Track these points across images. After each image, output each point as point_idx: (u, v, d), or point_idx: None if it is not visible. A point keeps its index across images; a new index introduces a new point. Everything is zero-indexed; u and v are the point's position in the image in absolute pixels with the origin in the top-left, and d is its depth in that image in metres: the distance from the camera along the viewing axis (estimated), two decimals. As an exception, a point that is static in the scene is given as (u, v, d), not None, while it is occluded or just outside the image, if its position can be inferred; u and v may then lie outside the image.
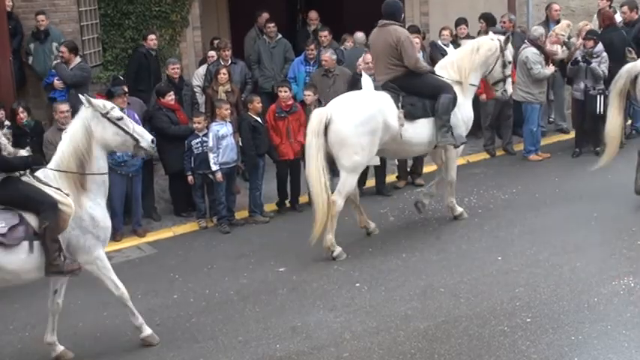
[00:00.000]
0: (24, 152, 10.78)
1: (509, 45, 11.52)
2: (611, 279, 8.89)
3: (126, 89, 11.99)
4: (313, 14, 16.31)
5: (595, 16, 15.13)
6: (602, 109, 13.33)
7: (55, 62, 13.15)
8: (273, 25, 15.07)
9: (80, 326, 9.07)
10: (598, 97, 13.29)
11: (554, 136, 14.81)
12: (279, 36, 15.06)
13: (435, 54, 14.36)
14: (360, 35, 14.73)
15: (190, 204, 12.50)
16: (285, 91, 12.26)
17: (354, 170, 10.42)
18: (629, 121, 14.47)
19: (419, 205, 11.36)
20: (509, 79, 11.63)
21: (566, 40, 14.27)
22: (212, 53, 14.27)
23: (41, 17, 14.16)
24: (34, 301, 9.90)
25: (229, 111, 11.97)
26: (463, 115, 11.02)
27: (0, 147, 8.08)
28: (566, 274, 9.15)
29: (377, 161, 12.43)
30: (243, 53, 15.63)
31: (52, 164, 8.24)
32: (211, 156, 11.70)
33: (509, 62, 11.49)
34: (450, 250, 10.21)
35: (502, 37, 11.46)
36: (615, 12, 14.78)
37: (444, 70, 11.11)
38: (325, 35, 14.30)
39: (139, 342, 8.52)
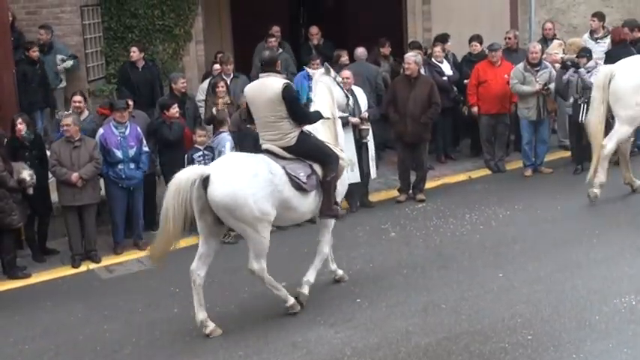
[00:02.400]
0: (24, 165, 10.82)
1: None
2: (612, 297, 8.87)
3: (130, 102, 12.03)
4: (314, 29, 16.35)
5: (586, 35, 15.18)
6: (583, 118, 13.31)
7: (65, 114, 12.34)
8: (274, 39, 15.10)
9: (80, 339, 9.05)
10: (582, 105, 13.28)
11: (556, 152, 14.80)
12: (280, 50, 15.09)
13: (431, 71, 14.39)
14: (360, 50, 14.74)
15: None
16: None
17: (628, 122, 11.93)
18: (632, 139, 14.45)
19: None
20: None
21: (563, 56, 14.28)
22: (218, 67, 14.30)
23: (41, 31, 14.24)
24: (34, 314, 9.91)
25: (204, 138, 12.11)
26: None
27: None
28: (568, 292, 9.12)
29: (357, 178, 12.44)
30: (246, 67, 15.68)
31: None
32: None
33: None
34: (452, 267, 10.19)
35: None
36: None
37: None
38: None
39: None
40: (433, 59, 14.64)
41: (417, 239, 11.22)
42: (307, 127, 9.24)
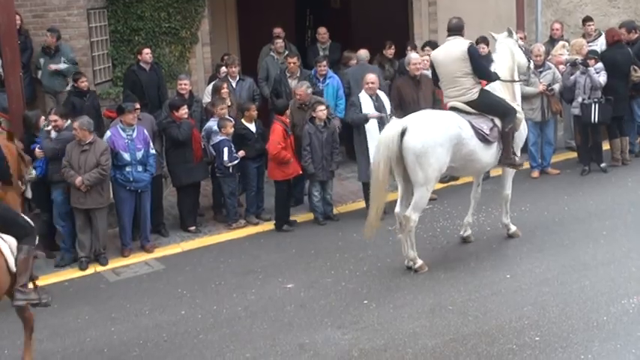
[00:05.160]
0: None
1: None
2: (620, 298, 8.86)
3: (137, 105, 12.05)
4: (322, 29, 16.36)
5: (580, 39, 15.19)
6: (596, 118, 13.31)
7: (45, 128, 11.83)
8: (281, 41, 15.14)
9: (87, 341, 9.06)
10: (593, 105, 13.28)
11: (563, 153, 14.79)
12: (287, 52, 15.10)
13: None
14: (363, 52, 14.76)
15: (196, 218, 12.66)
16: None
17: None
18: (638, 139, 14.47)
19: None
20: None
21: (567, 57, 14.26)
22: (225, 70, 14.31)
23: (47, 34, 14.24)
24: (41, 317, 9.91)
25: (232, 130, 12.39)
26: None
27: None
28: (575, 293, 9.11)
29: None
30: (253, 69, 15.68)
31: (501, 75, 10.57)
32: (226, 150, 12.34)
33: None
34: (459, 268, 10.18)
35: None
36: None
37: None
38: (294, 62, 14.06)
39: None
40: None
41: (424, 241, 11.20)
42: (486, 87, 10.39)
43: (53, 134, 11.59)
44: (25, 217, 8.05)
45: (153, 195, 12.03)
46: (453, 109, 10.34)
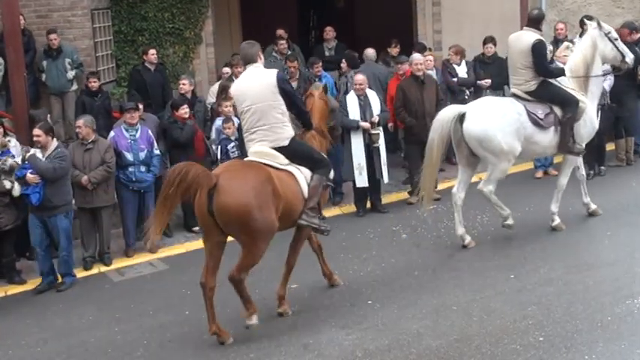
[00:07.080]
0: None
1: None
2: (624, 298, 8.83)
3: (140, 105, 12.06)
4: (328, 27, 16.38)
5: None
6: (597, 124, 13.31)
7: (28, 154, 10.93)
8: (284, 42, 15.16)
9: (91, 342, 9.07)
10: (597, 111, 13.23)
11: (566, 154, 14.76)
12: (289, 52, 15.13)
13: (444, 73, 14.39)
14: (370, 51, 14.75)
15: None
16: None
17: None
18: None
19: None
20: None
21: None
22: (226, 70, 14.33)
23: (53, 36, 14.25)
24: (46, 317, 9.94)
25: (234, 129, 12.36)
26: None
27: None
28: (580, 293, 9.10)
29: (365, 182, 12.45)
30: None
31: (567, 71, 10.96)
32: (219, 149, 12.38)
33: None
34: (463, 269, 10.18)
35: None
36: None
37: None
38: (295, 66, 14.10)
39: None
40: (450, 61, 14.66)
41: (428, 241, 11.21)
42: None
43: (39, 154, 10.79)
44: (321, 153, 9.13)
45: (157, 195, 12.01)
46: (514, 95, 10.76)
